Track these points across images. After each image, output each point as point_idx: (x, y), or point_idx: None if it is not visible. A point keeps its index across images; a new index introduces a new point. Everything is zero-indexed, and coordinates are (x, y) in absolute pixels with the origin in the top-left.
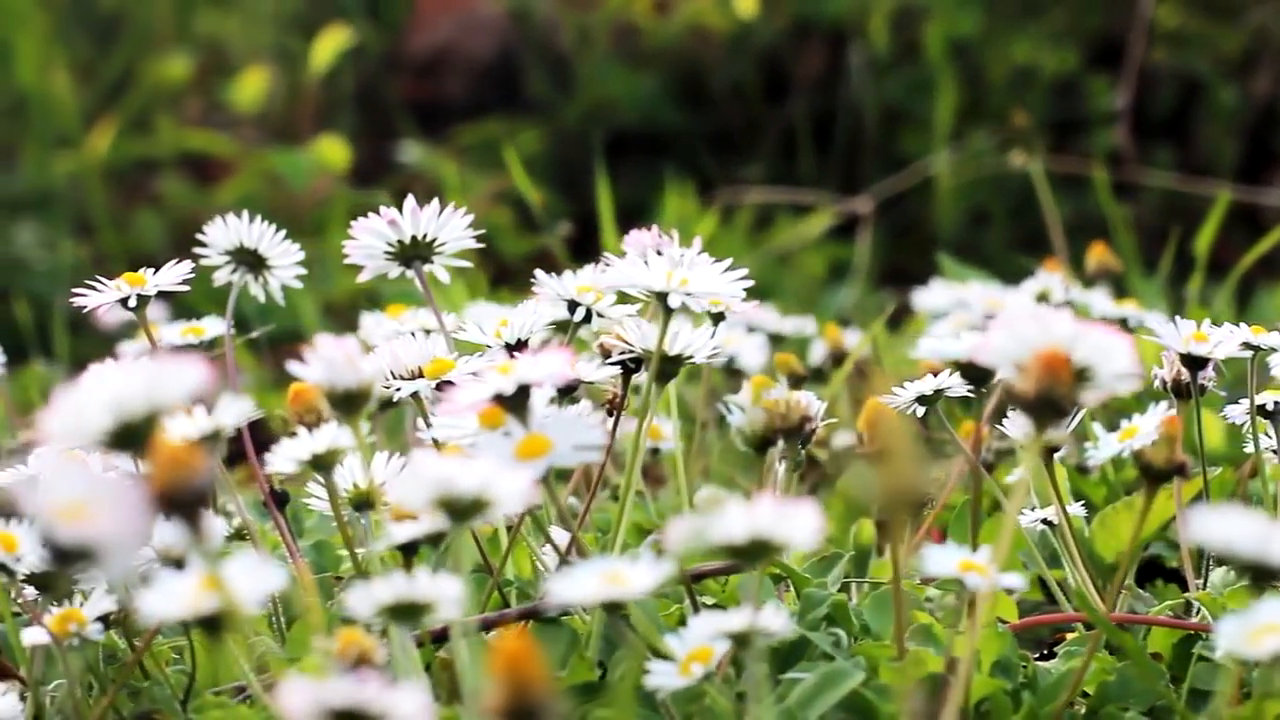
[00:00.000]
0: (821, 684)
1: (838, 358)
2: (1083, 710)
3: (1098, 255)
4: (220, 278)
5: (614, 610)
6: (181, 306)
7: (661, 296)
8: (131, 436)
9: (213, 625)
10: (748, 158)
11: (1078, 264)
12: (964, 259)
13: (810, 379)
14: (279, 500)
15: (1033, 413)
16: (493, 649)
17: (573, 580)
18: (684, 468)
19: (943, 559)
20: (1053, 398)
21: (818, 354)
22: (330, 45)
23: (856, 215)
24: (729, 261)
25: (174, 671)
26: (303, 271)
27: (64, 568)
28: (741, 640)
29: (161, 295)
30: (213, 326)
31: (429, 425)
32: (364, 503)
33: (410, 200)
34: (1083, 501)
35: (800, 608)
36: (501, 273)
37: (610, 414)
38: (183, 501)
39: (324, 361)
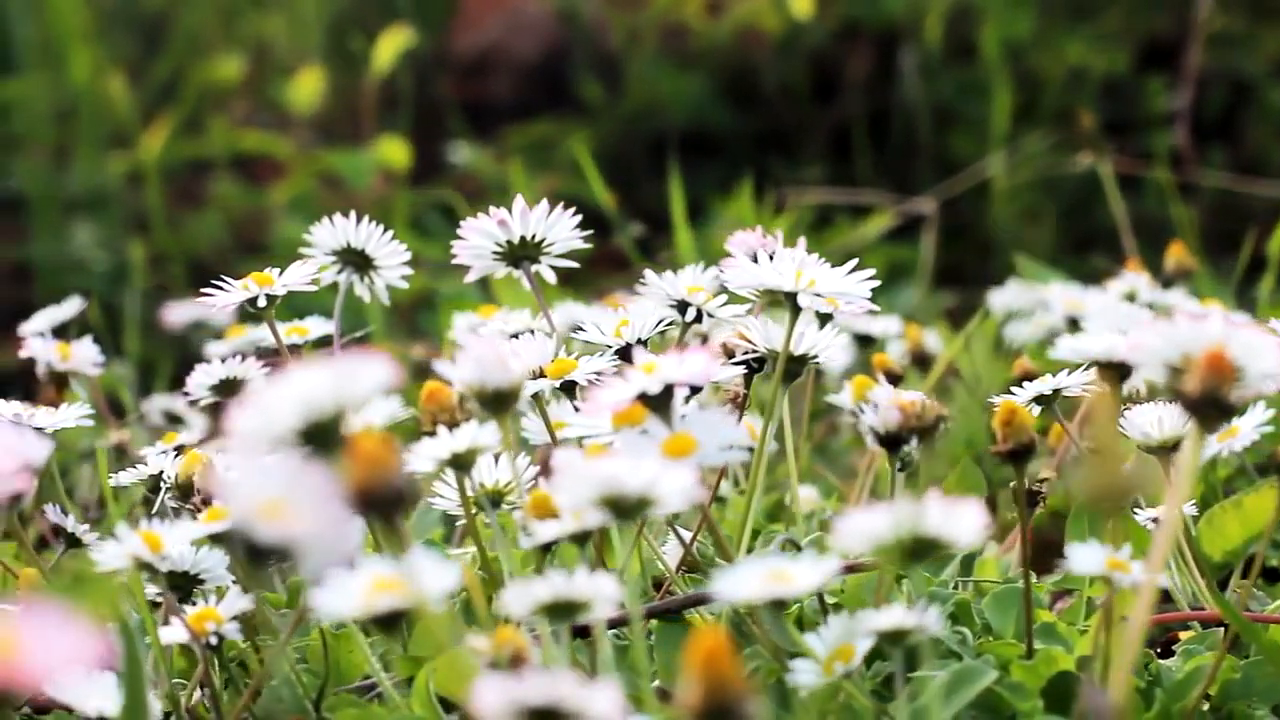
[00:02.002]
0: (955, 682)
1: (919, 358)
2: (1207, 707)
3: (1176, 256)
4: (326, 278)
5: (779, 609)
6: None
7: (790, 297)
8: (319, 435)
9: (389, 623)
10: (798, 158)
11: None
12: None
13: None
14: None
15: (1197, 412)
16: (689, 647)
17: (736, 578)
18: (795, 469)
19: (1088, 557)
20: (1216, 397)
21: (895, 354)
22: (391, 46)
23: (911, 217)
24: (855, 262)
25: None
26: (409, 271)
27: (261, 566)
28: (893, 639)
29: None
30: (317, 326)
31: (548, 424)
32: (493, 501)
33: (519, 201)
34: (1192, 501)
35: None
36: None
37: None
38: (380, 500)
39: (475, 361)
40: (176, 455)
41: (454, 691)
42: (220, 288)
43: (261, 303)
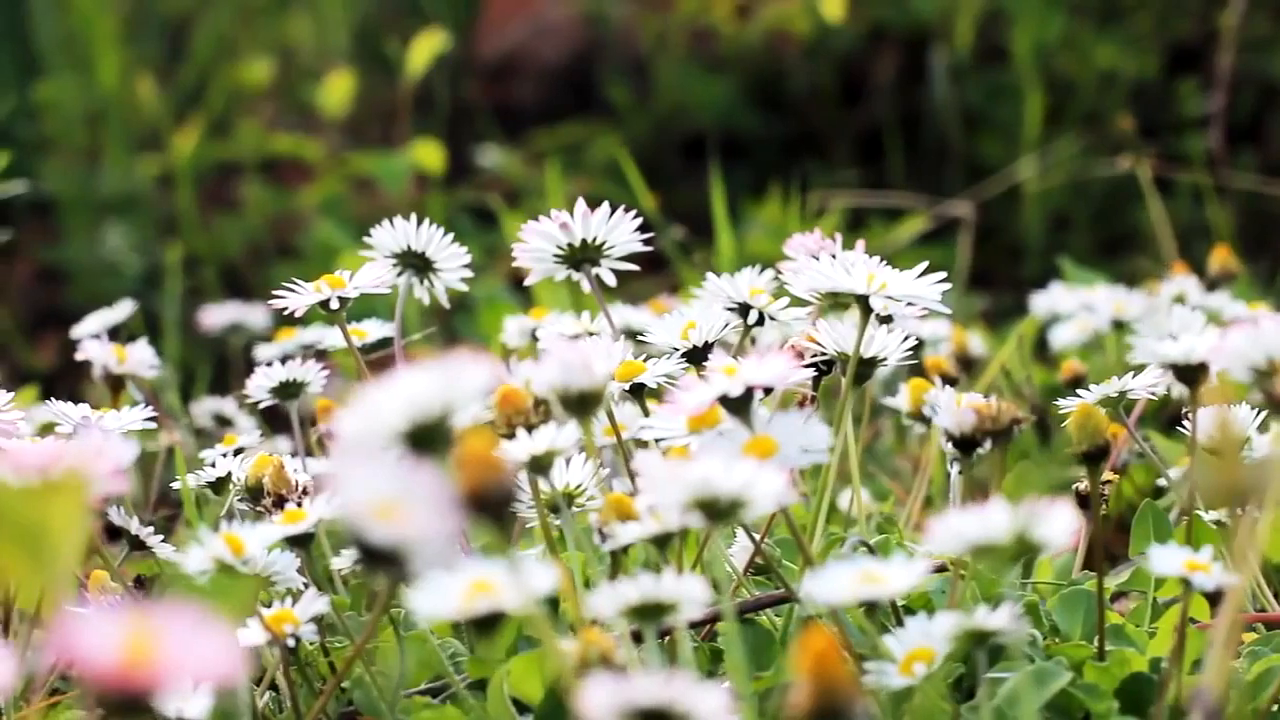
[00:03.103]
0: (1029, 683)
1: (964, 360)
2: (1276, 709)
3: (1220, 258)
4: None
5: (872, 610)
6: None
7: (862, 300)
8: (425, 436)
9: (486, 625)
10: (827, 162)
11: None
12: (1047, 264)
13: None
14: None
15: None
16: (800, 648)
17: (828, 580)
18: (857, 471)
19: (1167, 558)
20: None
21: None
22: (425, 50)
23: (942, 220)
24: (925, 264)
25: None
26: (469, 274)
27: (373, 568)
28: (978, 640)
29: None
30: (376, 329)
31: (616, 427)
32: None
33: (580, 203)
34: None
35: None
36: None
37: None
38: (491, 501)
39: (559, 363)
40: (237, 457)
41: (528, 693)
42: (293, 291)
43: (334, 305)
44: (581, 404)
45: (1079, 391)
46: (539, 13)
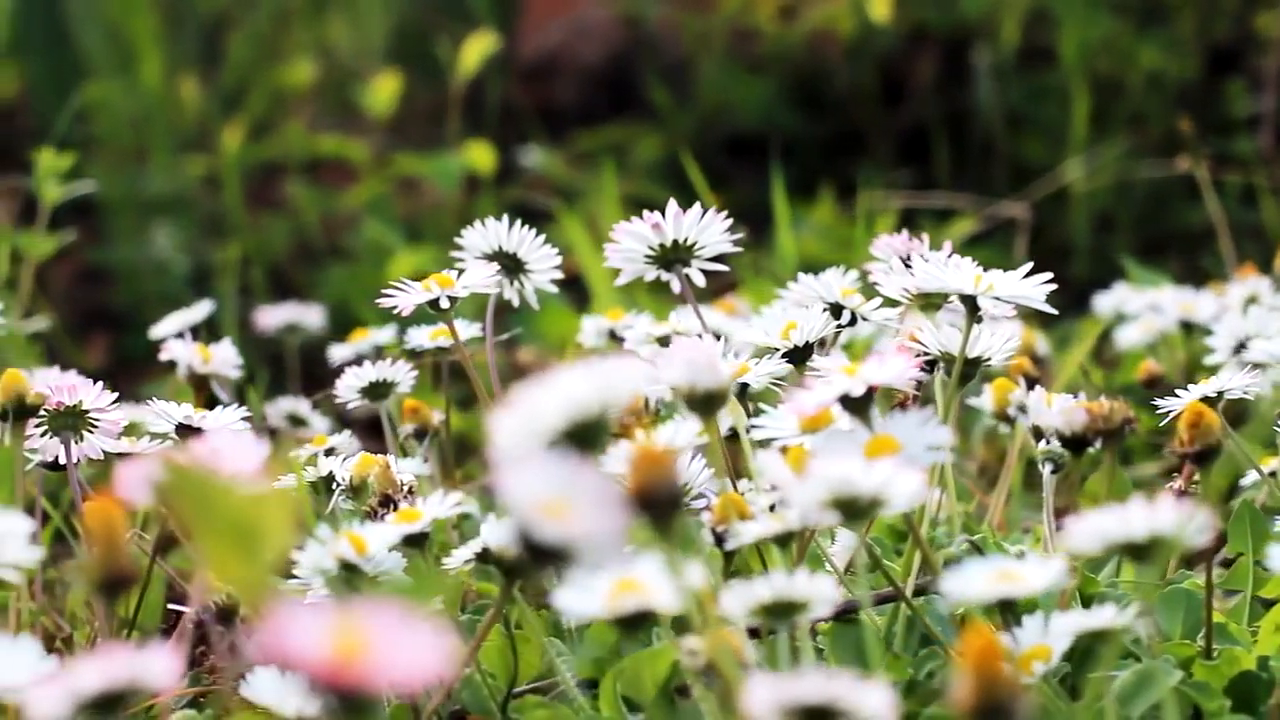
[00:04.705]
0: (1139, 682)
1: (1033, 361)
2: None
3: None
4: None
5: (1007, 609)
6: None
7: (968, 300)
8: (583, 435)
9: (633, 624)
10: (870, 162)
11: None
12: (1094, 265)
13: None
14: None
15: None
16: (963, 645)
17: (965, 578)
18: (950, 471)
19: None
20: None
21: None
22: (476, 50)
23: (993, 221)
24: (1030, 265)
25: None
26: (559, 275)
27: (539, 566)
28: (1101, 637)
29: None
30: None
31: (715, 426)
32: None
33: (672, 204)
34: None
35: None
36: None
37: None
38: (659, 501)
39: (685, 363)
40: (329, 457)
41: (639, 692)
42: (401, 289)
43: (444, 304)
44: (707, 403)
45: (1178, 392)
46: (579, 13)
